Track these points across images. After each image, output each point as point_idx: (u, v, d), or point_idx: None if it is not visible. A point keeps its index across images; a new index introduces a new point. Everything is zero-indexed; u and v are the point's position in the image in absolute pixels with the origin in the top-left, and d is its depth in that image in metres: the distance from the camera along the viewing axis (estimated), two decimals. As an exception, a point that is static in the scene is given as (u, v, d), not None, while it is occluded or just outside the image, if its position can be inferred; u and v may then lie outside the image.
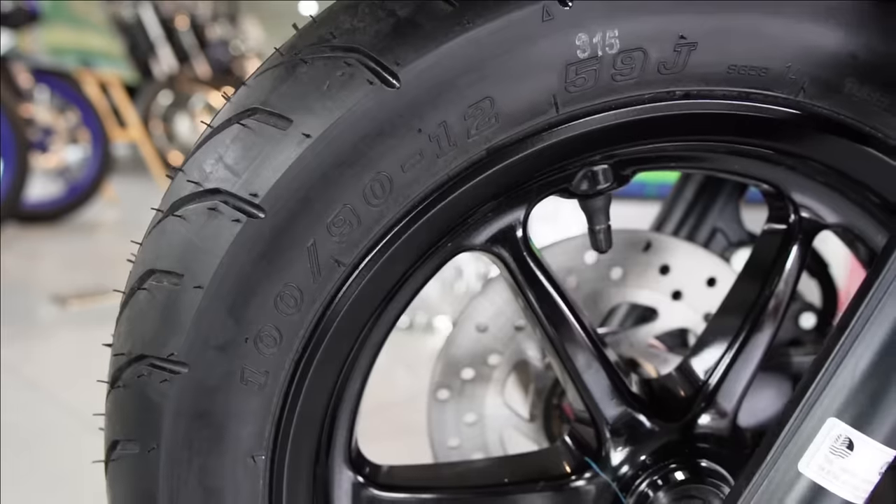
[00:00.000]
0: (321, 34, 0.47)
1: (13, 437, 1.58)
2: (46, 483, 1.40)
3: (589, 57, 0.46)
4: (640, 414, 0.56)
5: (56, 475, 1.44)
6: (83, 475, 1.45)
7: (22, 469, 1.45)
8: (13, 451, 1.51)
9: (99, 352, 1.25)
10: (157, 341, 0.48)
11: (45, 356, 2.16)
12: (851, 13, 0.48)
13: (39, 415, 1.72)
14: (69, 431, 1.64)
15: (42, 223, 4.30)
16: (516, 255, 0.54)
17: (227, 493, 0.51)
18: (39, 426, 1.66)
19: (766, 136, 0.52)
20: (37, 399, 1.82)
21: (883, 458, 0.42)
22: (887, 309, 0.42)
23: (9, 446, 1.54)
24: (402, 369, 2.06)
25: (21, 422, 1.68)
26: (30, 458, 1.50)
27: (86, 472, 1.47)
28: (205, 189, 0.47)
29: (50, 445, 1.57)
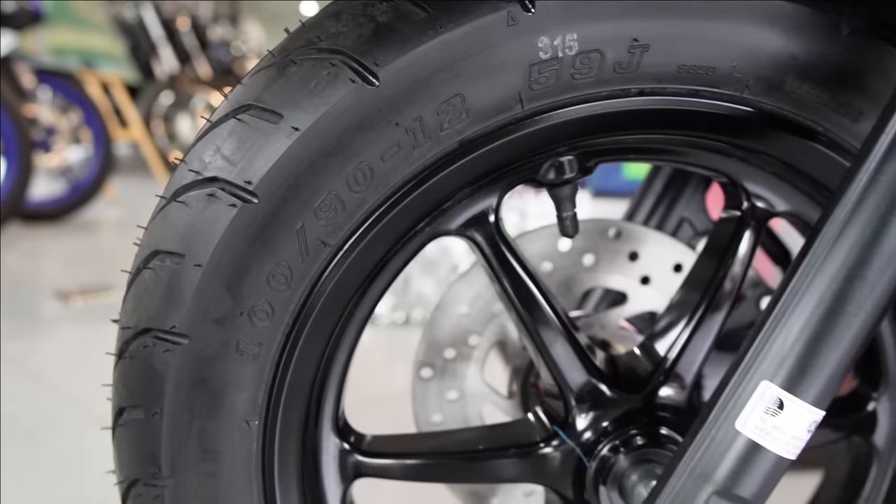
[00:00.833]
0: (309, 38, 0.52)
1: (17, 427, 1.63)
2: (49, 471, 1.45)
3: (550, 58, 0.50)
4: (603, 386, 0.61)
5: (59, 463, 1.49)
6: (85, 464, 1.50)
7: (25, 458, 1.50)
8: (17, 441, 1.57)
9: (101, 345, 1.32)
10: (160, 315, 0.53)
11: (49, 350, 2.21)
12: (792, 17, 0.53)
13: (43, 406, 1.77)
14: (72, 421, 1.69)
15: (45, 221, 4.35)
16: (489, 239, 0.59)
17: (223, 454, 0.56)
18: (43, 417, 1.71)
19: (716, 129, 0.56)
20: (40, 391, 1.87)
21: (811, 418, 0.47)
22: (817, 282, 0.47)
23: (12, 436, 1.59)
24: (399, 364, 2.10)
25: (25, 412, 1.73)
26: (33, 447, 1.55)
27: (88, 460, 1.52)
28: (204, 177, 0.52)
29: (53, 435, 1.62)
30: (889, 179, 0.45)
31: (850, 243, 0.46)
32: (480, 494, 0.78)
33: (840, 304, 0.46)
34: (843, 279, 0.46)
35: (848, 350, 0.46)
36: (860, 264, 0.45)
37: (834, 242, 0.46)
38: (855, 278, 0.46)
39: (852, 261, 0.46)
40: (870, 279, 0.45)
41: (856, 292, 0.46)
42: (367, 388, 1.85)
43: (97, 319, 2.46)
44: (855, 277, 0.46)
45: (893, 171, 0.45)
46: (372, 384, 1.87)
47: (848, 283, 0.46)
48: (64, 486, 1.38)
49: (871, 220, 0.45)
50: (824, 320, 0.46)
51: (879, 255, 0.45)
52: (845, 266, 0.46)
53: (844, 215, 0.46)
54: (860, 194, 0.46)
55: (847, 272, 0.46)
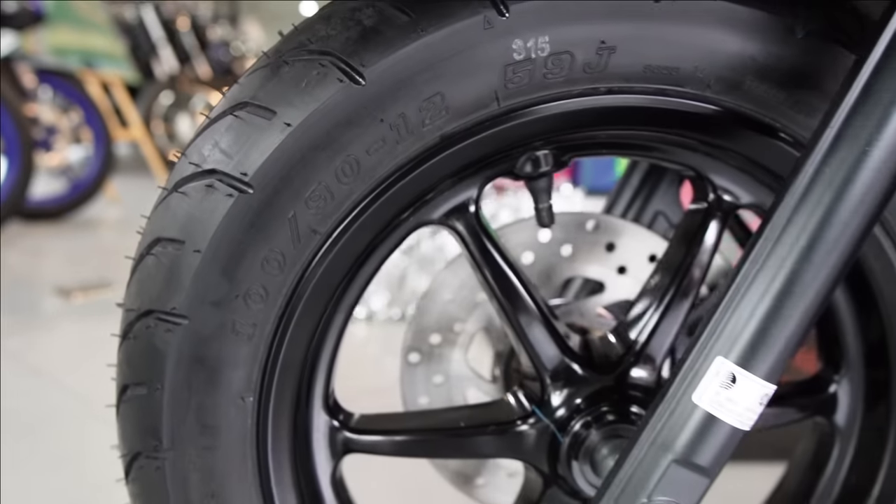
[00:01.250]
0: (300, 40, 0.55)
1: (18, 421, 1.67)
2: (50, 464, 1.49)
3: (524, 59, 0.54)
4: (577, 367, 0.65)
5: (60, 456, 1.52)
6: (86, 456, 1.54)
7: (26, 451, 1.54)
8: (18, 435, 1.60)
9: (102, 341, 1.37)
10: (162, 298, 0.56)
11: (50, 345, 2.25)
12: (750, 22, 0.57)
13: (43, 400, 1.81)
14: (73, 415, 1.73)
15: (46, 220, 4.38)
16: (470, 228, 0.63)
17: (220, 429, 0.59)
18: (43, 411, 1.75)
19: (681, 126, 0.60)
20: (41, 386, 1.90)
21: (762, 391, 0.51)
22: (767, 266, 0.50)
23: (13, 430, 1.63)
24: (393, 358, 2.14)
25: (25, 407, 1.77)
26: (34, 440, 1.59)
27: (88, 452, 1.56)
28: (203, 170, 0.55)
29: (54, 429, 1.66)
30: (833, 170, 0.49)
31: (798, 230, 0.50)
32: (466, 475, 0.82)
33: (788, 286, 0.50)
34: (791, 263, 0.50)
35: (796, 328, 0.50)
36: (806, 249, 0.49)
37: (783, 229, 0.50)
38: (802, 262, 0.49)
39: (799, 246, 0.49)
40: (815, 263, 0.49)
41: (803, 275, 0.50)
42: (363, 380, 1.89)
43: (98, 316, 2.50)
44: (802, 261, 0.49)
45: (837, 162, 0.49)
46: (367, 377, 1.91)
47: (795, 267, 0.50)
48: (64, 479, 1.42)
49: (817, 208, 0.49)
50: (774, 301, 0.50)
51: (824, 240, 0.49)
52: (793, 251, 0.50)
53: (793, 203, 0.50)
54: (807, 184, 0.50)
55: (794, 257, 0.50)
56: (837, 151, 0.49)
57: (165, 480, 0.60)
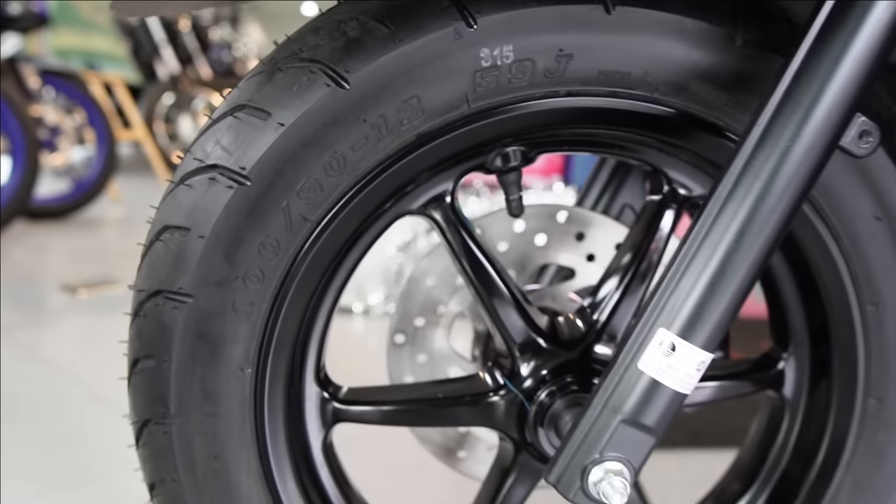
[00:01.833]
0: (293, 49, 0.62)
1: (28, 406, 1.75)
2: (59, 444, 1.56)
3: (490, 66, 0.61)
4: (543, 343, 0.72)
5: (67, 437, 1.60)
6: (92, 437, 1.61)
7: (36, 432, 1.61)
8: (28, 418, 1.68)
9: (106, 334, 1.41)
10: (169, 279, 0.63)
11: (57, 338, 2.32)
12: (694, 32, 0.63)
13: (51, 387, 1.88)
14: (79, 400, 1.81)
15: (50, 219, 4.45)
16: (446, 217, 0.70)
17: (221, 397, 0.66)
18: (51, 396, 1.82)
19: (634, 124, 0.67)
20: (48, 374, 1.98)
21: (699, 359, 0.57)
22: (703, 248, 0.57)
23: (24, 414, 1.70)
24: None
25: (35, 393, 1.84)
26: (43, 422, 1.67)
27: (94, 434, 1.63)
28: (206, 164, 0.62)
29: (61, 412, 1.74)
30: (760, 163, 0.56)
31: (729, 217, 0.56)
32: (449, 448, 0.89)
33: (722, 265, 0.56)
34: (724, 246, 0.56)
35: (729, 303, 0.57)
36: (737, 234, 0.56)
37: (716, 217, 0.57)
38: (733, 245, 0.56)
39: (731, 230, 0.56)
40: (745, 245, 0.56)
41: (734, 256, 0.56)
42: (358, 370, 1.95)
43: (102, 310, 2.57)
44: (733, 244, 0.56)
45: (764, 155, 0.56)
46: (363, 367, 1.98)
47: (727, 249, 0.56)
48: (72, 457, 1.50)
49: (747, 197, 0.56)
50: (710, 279, 0.56)
51: (752, 225, 0.56)
52: (725, 235, 0.56)
53: (725, 193, 0.57)
54: (738, 175, 0.57)
55: (727, 240, 0.56)
56: (764, 145, 0.56)
57: (172, 444, 0.67)
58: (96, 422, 1.69)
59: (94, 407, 1.77)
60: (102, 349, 2.19)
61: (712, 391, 0.80)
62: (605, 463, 0.58)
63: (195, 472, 0.68)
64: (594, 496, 0.58)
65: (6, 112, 3.69)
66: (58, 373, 1.98)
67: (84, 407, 1.77)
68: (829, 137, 0.56)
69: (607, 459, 0.58)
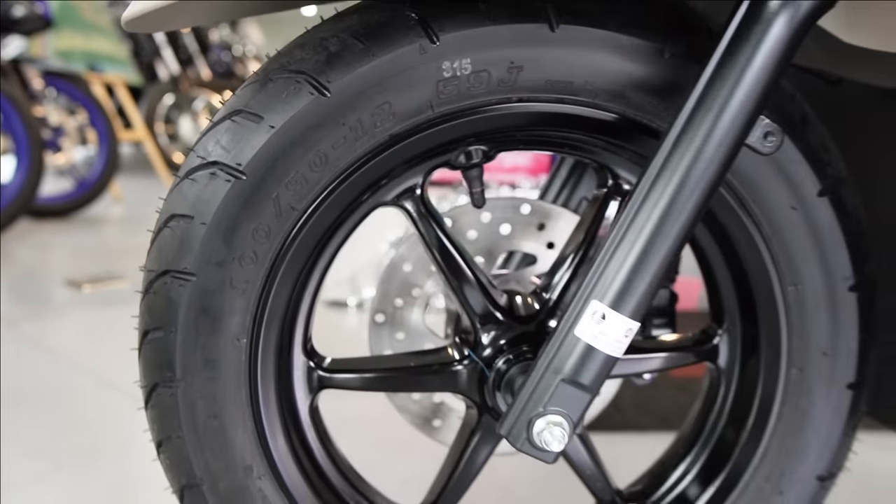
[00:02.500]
0: (282, 62, 0.72)
1: (36, 394, 1.85)
2: (65, 427, 1.66)
3: (451, 76, 0.71)
4: (501, 317, 0.82)
5: (73, 421, 1.70)
6: (97, 421, 1.71)
7: (44, 417, 1.71)
8: (36, 404, 1.78)
9: (110, 327, 1.52)
10: (176, 260, 0.73)
11: (63, 330, 2.41)
12: (627, 46, 0.73)
13: (58, 375, 1.98)
14: (85, 387, 1.90)
15: (53, 217, 4.55)
16: (417, 209, 0.80)
17: (220, 363, 0.76)
18: (58, 384, 1.92)
19: (579, 127, 0.77)
20: (55, 363, 2.08)
21: (627, 326, 0.67)
22: (630, 232, 0.67)
23: (32, 400, 1.80)
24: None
25: (43, 381, 1.94)
26: (51, 409, 1.76)
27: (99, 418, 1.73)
28: (208, 161, 0.72)
29: (68, 399, 1.83)
30: (677, 159, 0.65)
31: (652, 205, 0.66)
32: (425, 417, 0.99)
33: (645, 247, 0.66)
34: (646, 232, 0.66)
35: (651, 279, 0.66)
36: (658, 221, 0.66)
37: (640, 205, 0.66)
38: (654, 231, 0.66)
39: (653, 218, 0.66)
40: (664, 232, 0.66)
41: (655, 238, 0.66)
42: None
43: (105, 304, 2.66)
44: (654, 230, 0.66)
45: (681, 152, 0.65)
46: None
47: (650, 234, 0.66)
48: (78, 439, 1.59)
49: (666, 187, 0.65)
50: (635, 258, 0.66)
51: (671, 212, 0.66)
52: (648, 222, 0.66)
53: (648, 184, 0.66)
54: (659, 168, 0.66)
55: (649, 227, 0.66)
56: (680, 144, 0.66)
57: (178, 405, 0.77)
58: (101, 406, 1.79)
59: (99, 393, 1.87)
60: (106, 340, 2.29)
61: (663, 361, 0.90)
62: (547, 416, 0.68)
63: (197, 429, 0.78)
64: (537, 444, 0.68)
65: (11, 113, 3.78)
66: (63, 362, 2.08)
67: (89, 393, 1.87)
68: (735, 137, 0.66)
69: (549, 413, 0.68)
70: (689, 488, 0.92)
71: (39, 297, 2.80)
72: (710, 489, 0.90)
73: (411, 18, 0.70)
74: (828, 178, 0.79)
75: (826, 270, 0.81)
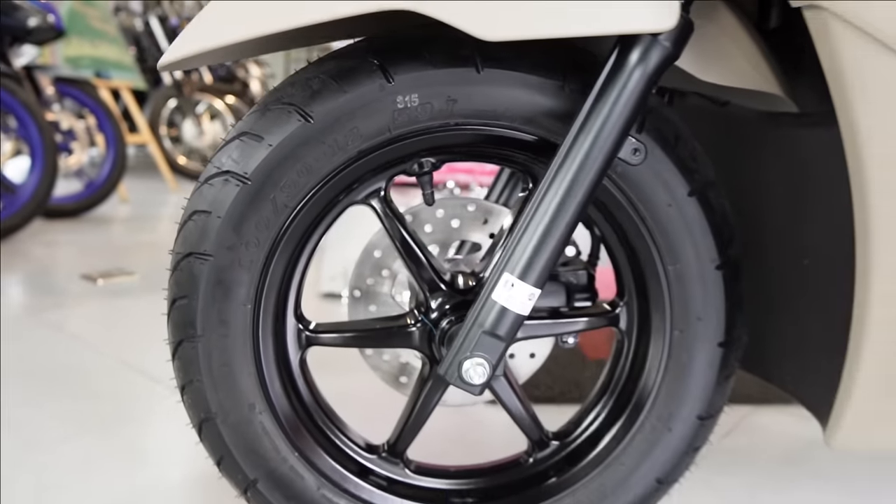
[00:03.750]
0: (277, 96, 0.96)
1: (61, 372, 2.09)
2: (88, 400, 1.90)
3: (403, 107, 0.95)
4: (447, 290, 1.06)
5: (95, 395, 1.93)
6: (117, 394, 1.95)
7: (68, 391, 1.95)
8: (62, 381, 2.02)
9: (124, 315, 1.79)
10: (197, 245, 0.97)
11: (82, 318, 2.65)
12: (535, 83, 0.97)
13: (81, 356, 2.22)
14: (105, 366, 2.14)
15: (64, 217, 4.79)
16: (382, 207, 1.04)
17: (231, 324, 1.00)
18: (81, 364, 2.16)
19: (505, 144, 1.01)
20: (78, 346, 2.31)
21: (530, 292, 0.91)
22: (534, 219, 0.91)
23: (58, 378, 2.04)
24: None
25: (67, 362, 2.18)
26: (74, 384, 2.01)
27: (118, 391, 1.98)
28: (222, 171, 0.96)
29: (89, 377, 2.07)
30: (567, 167, 0.89)
31: (548, 201, 0.90)
32: (393, 375, 1.23)
33: (543, 232, 0.90)
34: (545, 221, 0.90)
35: (550, 255, 0.90)
36: (553, 213, 0.90)
37: (540, 201, 0.90)
38: (549, 220, 0.90)
39: (549, 210, 0.90)
40: (556, 221, 0.90)
41: (550, 227, 0.90)
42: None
43: (119, 296, 2.91)
44: (549, 220, 0.90)
45: (570, 162, 0.89)
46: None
47: (547, 222, 0.90)
48: (100, 408, 1.83)
49: (560, 187, 0.89)
50: (536, 240, 0.90)
51: (562, 207, 0.90)
52: (547, 211, 0.90)
53: (546, 184, 0.90)
54: (554, 173, 0.90)
55: (547, 214, 0.90)
56: (569, 156, 0.90)
57: (198, 356, 1.01)
58: (119, 382, 2.03)
59: (117, 370, 2.11)
60: (121, 327, 2.53)
61: (582, 325, 1.14)
62: (472, 358, 0.92)
63: (212, 375, 1.02)
64: (465, 380, 0.93)
65: (26, 118, 4.02)
66: (84, 345, 2.32)
67: (108, 371, 2.11)
68: (608, 152, 0.90)
69: (474, 356, 0.92)
70: (600, 428, 1.17)
71: (58, 289, 3.03)
72: (615, 427, 1.14)
73: (374, 64, 0.94)
74: (696, 182, 1.03)
75: (697, 253, 1.05)
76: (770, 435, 1.79)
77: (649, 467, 1.11)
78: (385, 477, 1.14)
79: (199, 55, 0.89)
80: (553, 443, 1.18)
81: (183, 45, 0.89)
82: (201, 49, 0.87)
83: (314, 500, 1.07)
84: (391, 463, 1.15)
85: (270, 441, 1.04)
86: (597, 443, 1.15)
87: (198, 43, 0.87)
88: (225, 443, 1.04)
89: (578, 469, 1.14)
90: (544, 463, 1.17)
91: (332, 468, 1.09)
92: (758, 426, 1.86)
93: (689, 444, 1.12)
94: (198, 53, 0.88)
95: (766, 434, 1.80)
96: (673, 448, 1.11)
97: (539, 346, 1.22)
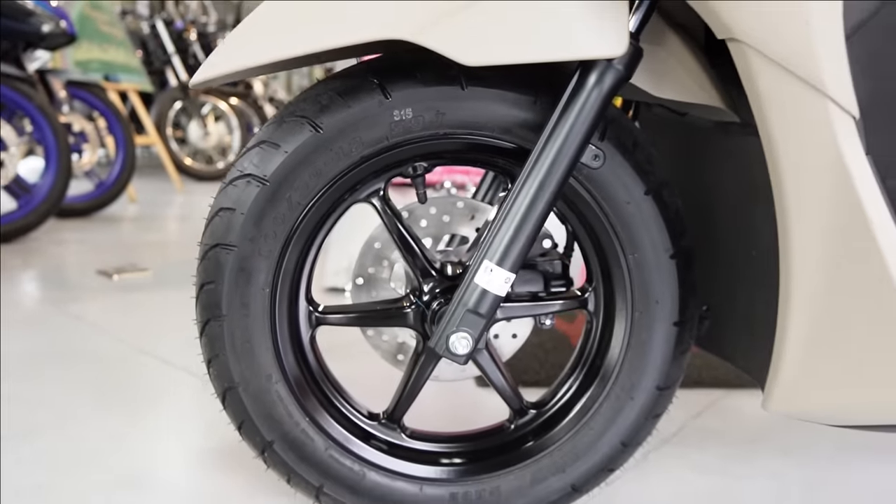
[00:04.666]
0: (291, 109, 1.13)
1: (83, 358, 2.25)
2: (109, 383, 2.07)
3: (399, 119, 1.11)
4: (438, 276, 1.23)
5: (115, 379, 2.10)
6: (136, 377, 2.12)
7: (90, 376, 2.12)
8: (84, 367, 2.19)
9: (140, 307, 1.97)
10: (223, 237, 1.14)
11: (101, 310, 2.82)
12: (511, 98, 1.13)
13: (101, 345, 2.39)
14: (125, 354, 2.31)
15: (76, 217, 4.95)
16: (381, 204, 1.21)
17: (251, 305, 1.16)
18: (102, 352, 2.33)
19: (486, 151, 1.17)
20: (99, 335, 2.48)
21: (506, 276, 1.07)
22: (510, 213, 1.07)
23: (82, 363, 2.21)
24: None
25: (89, 349, 2.35)
26: (96, 371, 2.17)
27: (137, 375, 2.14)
28: (245, 174, 1.13)
29: (109, 363, 2.24)
30: (538, 169, 1.05)
31: (522, 198, 1.06)
32: (392, 353, 1.40)
33: (517, 225, 1.06)
34: (518, 214, 1.06)
35: (523, 244, 1.07)
36: (525, 207, 1.06)
37: (515, 198, 1.07)
38: (522, 214, 1.06)
39: (522, 205, 1.06)
40: (529, 216, 1.06)
41: (523, 220, 1.06)
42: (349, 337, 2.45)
43: (134, 290, 3.07)
44: (522, 214, 1.06)
45: (539, 165, 1.05)
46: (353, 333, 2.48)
47: (520, 216, 1.06)
48: (121, 390, 2.00)
49: (532, 185, 1.05)
50: (511, 231, 1.06)
51: (534, 203, 1.06)
52: (520, 208, 1.06)
53: (521, 183, 1.06)
54: (527, 174, 1.06)
55: (520, 212, 1.06)
56: (540, 160, 1.06)
57: (223, 333, 1.17)
58: (137, 367, 2.20)
59: (135, 357, 2.27)
60: (138, 318, 2.70)
61: (557, 307, 1.31)
62: (458, 333, 1.09)
63: (235, 349, 1.18)
64: (452, 351, 1.09)
65: (41, 121, 4.19)
66: (104, 334, 2.49)
67: (127, 357, 2.27)
68: (573, 158, 1.06)
69: (459, 331, 1.09)
70: (572, 398, 1.33)
71: (76, 284, 3.20)
72: (585, 397, 1.31)
73: (374, 83, 1.11)
74: (651, 182, 1.19)
75: (654, 244, 1.21)
76: (742, 416, 1.95)
77: (615, 432, 1.28)
78: (385, 441, 1.31)
79: (229, 74, 1.06)
80: (531, 411, 1.35)
81: (214, 65, 1.05)
82: (234, 69, 1.04)
83: (323, 460, 1.24)
84: (390, 429, 1.31)
85: (285, 407, 1.21)
86: (569, 411, 1.31)
87: (230, 63, 1.04)
88: (245, 409, 1.20)
89: (553, 433, 1.30)
90: (524, 429, 1.34)
91: (338, 432, 1.25)
92: (730, 407, 2.01)
93: (650, 412, 1.28)
94: (229, 73, 1.05)
95: (738, 415, 1.96)
96: (635, 415, 1.28)
97: (520, 328, 1.39)
